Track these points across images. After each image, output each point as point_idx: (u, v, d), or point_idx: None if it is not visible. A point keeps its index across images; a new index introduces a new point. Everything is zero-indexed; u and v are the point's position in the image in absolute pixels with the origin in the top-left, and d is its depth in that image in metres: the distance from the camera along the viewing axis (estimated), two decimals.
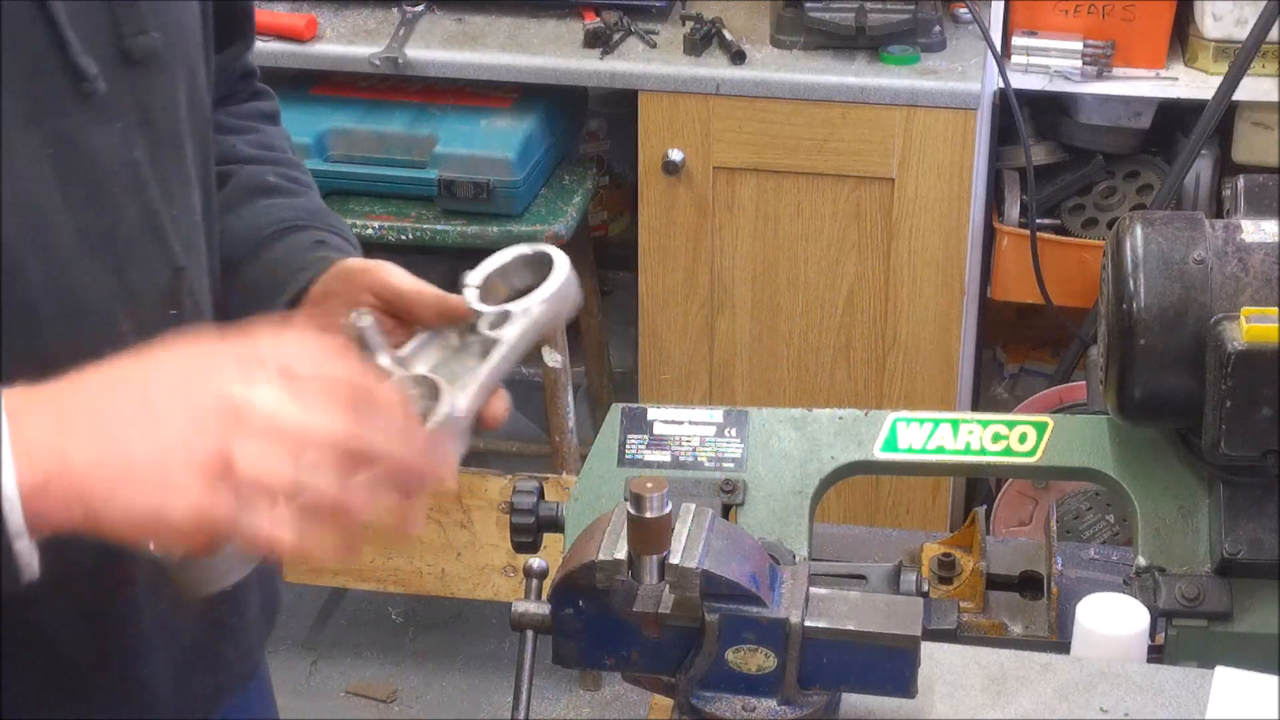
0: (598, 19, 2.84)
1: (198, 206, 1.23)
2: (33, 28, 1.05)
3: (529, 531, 1.58)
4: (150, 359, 0.95)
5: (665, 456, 1.61)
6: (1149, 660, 1.46)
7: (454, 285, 1.31)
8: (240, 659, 1.33)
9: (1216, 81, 2.70)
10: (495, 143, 2.74)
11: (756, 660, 1.24)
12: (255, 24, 1.42)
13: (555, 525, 1.60)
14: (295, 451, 0.91)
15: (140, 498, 0.90)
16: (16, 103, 1.04)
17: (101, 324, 1.11)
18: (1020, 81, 2.81)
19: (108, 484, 0.90)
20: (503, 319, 1.27)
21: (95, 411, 0.92)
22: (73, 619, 1.15)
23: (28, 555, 0.90)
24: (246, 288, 1.28)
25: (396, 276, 1.24)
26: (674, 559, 1.19)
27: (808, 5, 2.73)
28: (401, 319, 1.25)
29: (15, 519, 0.89)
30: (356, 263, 1.27)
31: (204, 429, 0.91)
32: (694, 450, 1.61)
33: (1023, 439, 1.62)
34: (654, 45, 2.81)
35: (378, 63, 2.78)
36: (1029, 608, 1.67)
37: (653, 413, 1.63)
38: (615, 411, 1.63)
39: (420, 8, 2.92)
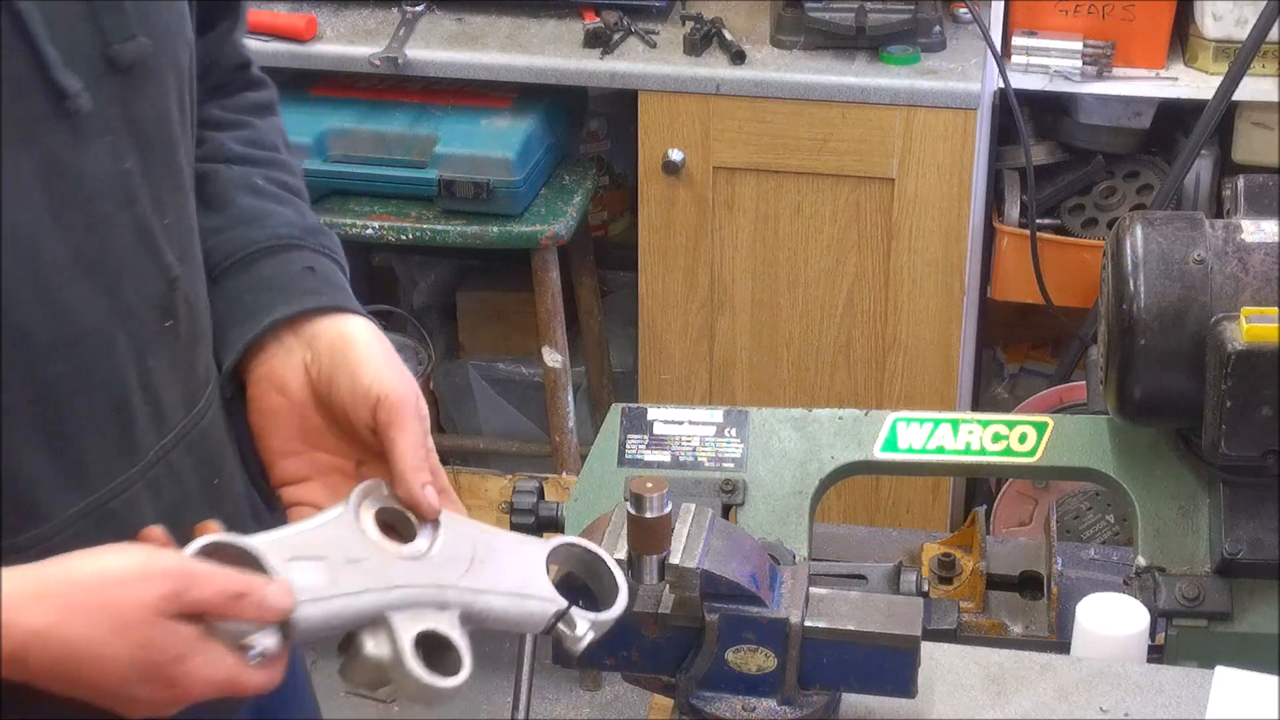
0: (598, 19, 2.84)
1: (191, 210, 1.21)
2: (11, 47, 1.03)
3: (529, 531, 1.58)
4: (112, 590, 1.01)
5: (665, 456, 1.61)
6: (1149, 660, 1.46)
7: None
8: None
9: (1216, 81, 2.70)
10: (495, 143, 2.74)
11: (756, 660, 1.24)
12: (244, 2, 1.36)
13: (555, 525, 1.61)
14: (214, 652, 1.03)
15: (99, 702, 1.02)
16: (1, 127, 1.02)
17: (97, 343, 1.10)
18: (1020, 81, 2.81)
19: (64, 688, 1.01)
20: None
21: (24, 658, 0.99)
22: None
23: None
24: (228, 299, 1.25)
25: (404, 445, 1.15)
26: (674, 559, 1.19)
27: (808, 5, 2.73)
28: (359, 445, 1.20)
29: None
30: (383, 389, 1.17)
31: (139, 686, 1.02)
32: (694, 450, 1.62)
33: (1023, 439, 1.62)
34: (654, 45, 2.81)
35: (378, 63, 2.78)
36: (1029, 608, 1.68)
37: (653, 413, 1.63)
38: (615, 411, 1.63)
39: (420, 8, 2.92)
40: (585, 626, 1.13)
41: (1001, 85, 2.77)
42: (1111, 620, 1.43)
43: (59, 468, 1.09)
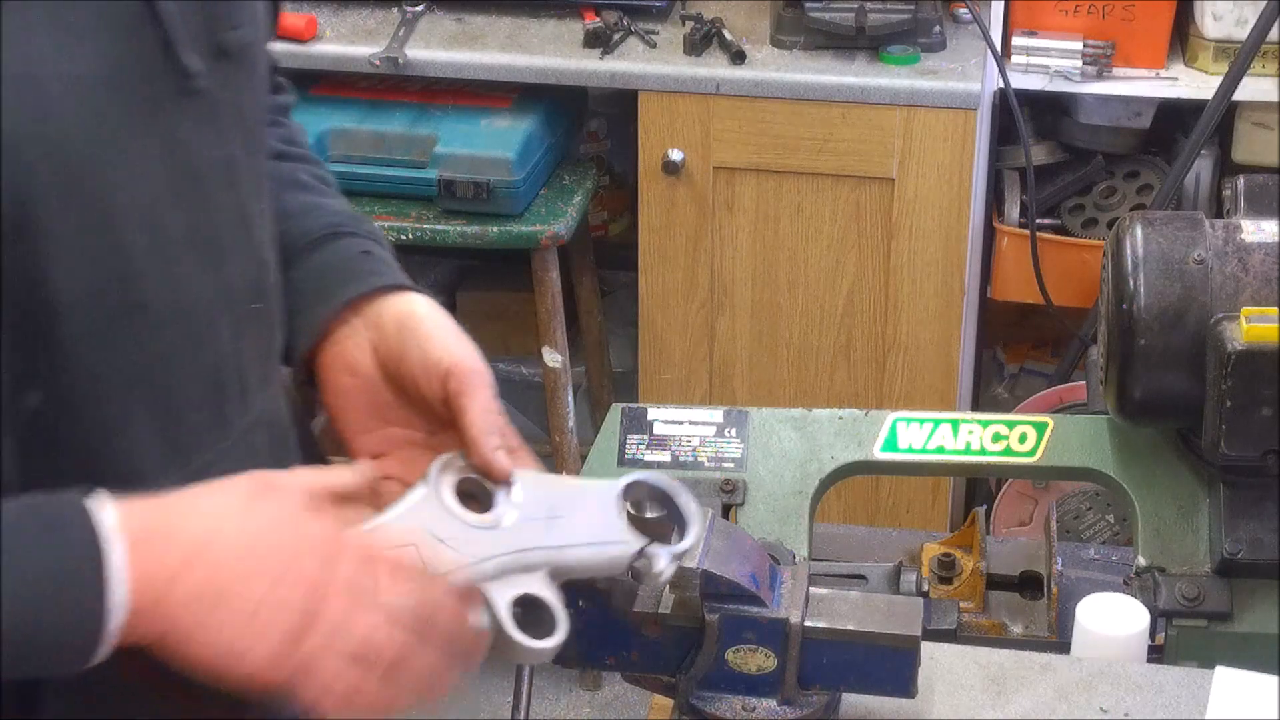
0: (598, 19, 2.84)
1: (270, 200, 1.25)
2: (141, 28, 1.06)
3: None
4: (263, 511, 1.05)
5: (665, 456, 1.61)
6: (1149, 660, 1.46)
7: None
8: None
9: (1216, 81, 2.70)
10: (495, 143, 2.74)
11: (756, 660, 1.24)
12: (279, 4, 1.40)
13: None
14: (363, 631, 1.03)
15: (224, 640, 1.00)
16: (130, 105, 1.06)
17: (203, 319, 1.13)
18: (1020, 81, 2.81)
19: (198, 619, 1.00)
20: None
21: (204, 550, 1.01)
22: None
23: (100, 657, 1.00)
24: (291, 289, 1.27)
25: (475, 412, 1.18)
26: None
27: (808, 5, 2.73)
28: (426, 409, 1.22)
29: (111, 632, 0.98)
30: (453, 359, 1.20)
31: (292, 595, 1.02)
32: (694, 450, 1.62)
33: (1023, 439, 1.62)
34: (654, 45, 2.81)
35: (378, 63, 2.78)
36: (1029, 608, 1.68)
37: (653, 413, 1.63)
38: (615, 411, 1.63)
39: (420, 8, 2.92)
40: (664, 561, 1.15)
41: (1001, 85, 2.77)
42: (1111, 620, 1.43)
43: (162, 438, 1.11)
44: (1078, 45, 2.82)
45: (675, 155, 2.77)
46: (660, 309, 2.90)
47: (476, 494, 1.15)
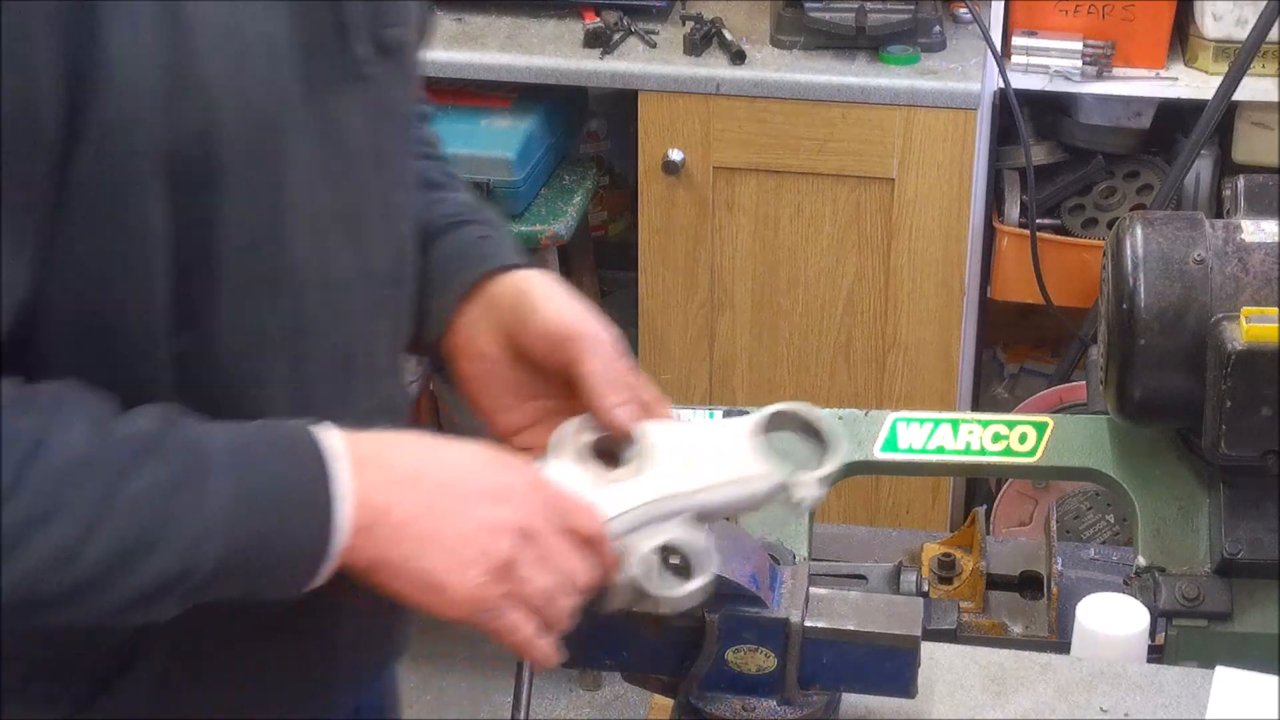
0: (598, 19, 2.84)
1: (412, 196, 1.28)
2: (319, 11, 1.11)
3: None
4: (465, 453, 1.11)
5: None
6: (1149, 660, 1.46)
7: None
8: (403, 634, 1.37)
9: (1216, 81, 2.70)
10: (495, 143, 2.74)
11: (756, 660, 1.24)
12: None
13: None
14: (552, 581, 1.10)
15: (431, 569, 1.07)
16: (309, 77, 1.10)
17: (343, 295, 1.17)
18: (1020, 81, 2.81)
19: (410, 547, 1.06)
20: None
21: (417, 481, 1.08)
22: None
23: (320, 577, 1.06)
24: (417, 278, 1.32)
25: (591, 373, 1.21)
26: (675, 559, 1.19)
27: (808, 5, 2.73)
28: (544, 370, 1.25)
29: (335, 548, 1.04)
30: (564, 326, 1.24)
31: (498, 536, 1.08)
32: None
33: (1023, 439, 1.62)
34: (654, 45, 2.81)
35: None
36: (1029, 608, 1.68)
37: None
38: None
39: None
40: (808, 488, 1.17)
41: (1001, 85, 2.77)
42: (1111, 620, 1.43)
43: (291, 402, 1.14)
44: (1078, 45, 2.82)
45: (675, 155, 2.77)
46: (660, 309, 2.90)
47: (611, 450, 1.18)
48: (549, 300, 1.25)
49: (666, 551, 1.14)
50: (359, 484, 1.05)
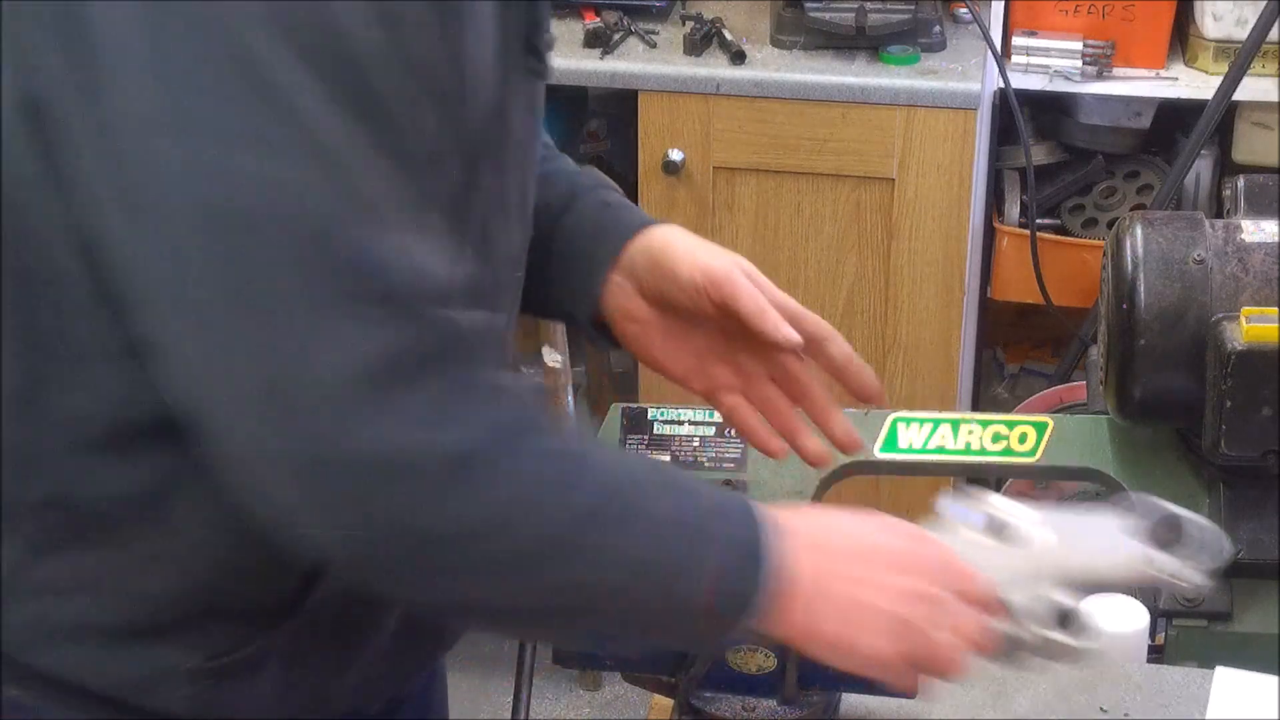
0: (598, 19, 2.84)
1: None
2: (517, 10, 1.14)
3: None
4: (858, 521, 1.19)
5: (665, 456, 1.61)
6: (1149, 660, 1.46)
7: None
8: (451, 631, 1.37)
9: (1216, 81, 2.70)
10: None
11: (756, 660, 1.24)
12: None
13: None
14: (951, 641, 1.14)
15: (840, 633, 1.11)
16: (513, 67, 1.15)
17: (500, 276, 1.22)
18: (1020, 81, 2.81)
19: (822, 611, 1.11)
20: None
21: (817, 542, 1.13)
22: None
23: (735, 632, 1.11)
24: (553, 257, 1.35)
25: (745, 304, 1.30)
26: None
27: (808, 5, 2.73)
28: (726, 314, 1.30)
29: (757, 603, 1.09)
30: (703, 272, 1.30)
31: (908, 602, 1.13)
32: (694, 450, 1.62)
33: (1023, 439, 1.62)
34: (654, 45, 2.81)
35: None
36: None
37: (653, 413, 1.63)
38: (615, 411, 1.63)
39: None
40: (1191, 574, 1.17)
41: (1001, 85, 2.77)
42: (1111, 620, 1.43)
43: None
44: (1078, 45, 2.82)
45: (675, 155, 2.77)
46: None
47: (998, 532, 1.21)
48: (682, 255, 1.30)
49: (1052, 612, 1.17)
50: (772, 546, 1.09)
